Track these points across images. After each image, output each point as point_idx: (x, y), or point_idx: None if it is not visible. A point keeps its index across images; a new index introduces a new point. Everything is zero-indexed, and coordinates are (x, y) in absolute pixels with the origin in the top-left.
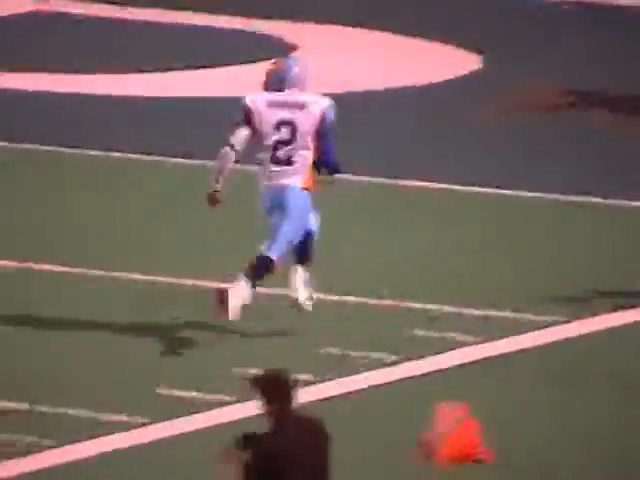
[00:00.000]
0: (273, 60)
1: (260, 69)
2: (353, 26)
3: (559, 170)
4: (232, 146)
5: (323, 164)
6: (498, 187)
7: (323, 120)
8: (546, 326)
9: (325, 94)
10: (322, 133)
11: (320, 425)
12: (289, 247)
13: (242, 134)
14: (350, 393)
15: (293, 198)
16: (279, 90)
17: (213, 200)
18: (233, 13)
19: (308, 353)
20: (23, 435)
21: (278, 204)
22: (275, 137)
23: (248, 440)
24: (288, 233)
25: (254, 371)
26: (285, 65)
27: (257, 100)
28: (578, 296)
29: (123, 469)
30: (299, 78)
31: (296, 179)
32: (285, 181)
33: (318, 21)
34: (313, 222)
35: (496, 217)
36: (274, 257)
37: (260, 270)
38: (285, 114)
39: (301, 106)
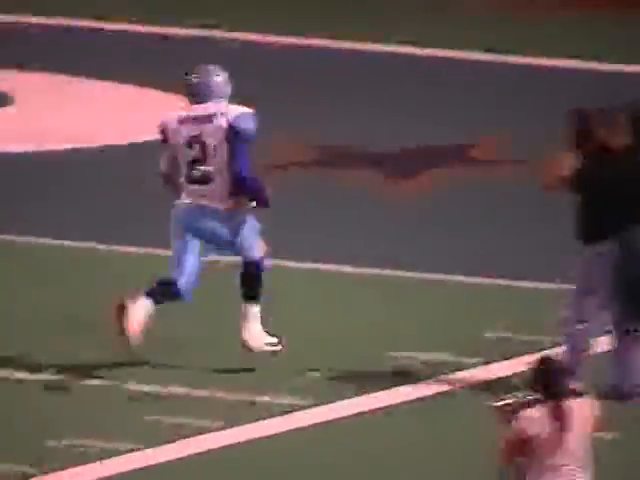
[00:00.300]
0: (194, 71)
1: None
2: (73, 75)
3: (311, 236)
4: (163, 173)
5: (234, 179)
6: None
7: (231, 131)
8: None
9: (49, 151)
10: (232, 145)
11: None
12: (196, 277)
13: (165, 156)
14: None
15: (213, 224)
16: (200, 102)
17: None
18: None
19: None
20: None
21: (196, 225)
22: (189, 155)
23: None
24: (197, 262)
25: None
26: (203, 75)
27: (169, 118)
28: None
29: None
30: (220, 88)
31: (217, 201)
32: (205, 202)
33: (37, 70)
34: (256, 249)
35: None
36: (181, 283)
37: (163, 293)
38: (194, 130)
39: (209, 119)
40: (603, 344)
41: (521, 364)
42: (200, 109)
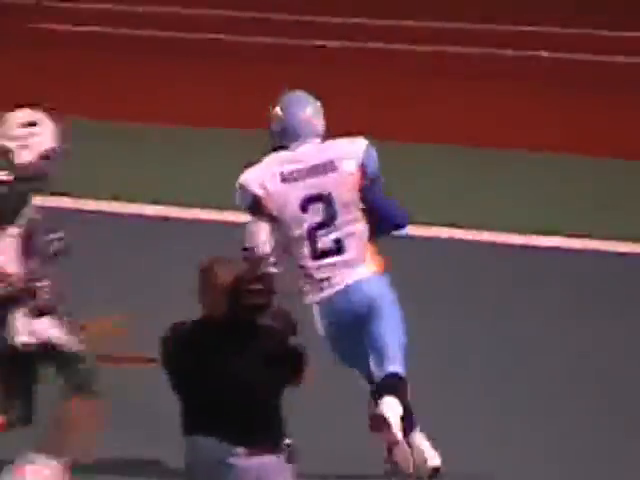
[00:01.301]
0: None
1: None
2: None
3: None
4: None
5: (386, 228)
6: None
7: (364, 173)
8: None
9: None
10: (368, 191)
11: None
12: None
13: (265, 231)
14: None
15: (374, 290)
16: (286, 147)
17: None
18: None
19: None
20: None
21: (352, 314)
22: (306, 223)
23: None
24: (397, 334)
25: None
26: (282, 111)
27: (264, 179)
28: None
29: None
30: (310, 124)
31: (361, 269)
32: (348, 279)
33: None
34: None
35: None
36: (400, 370)
37: (397, 391)
38: (310, 187)
39: (328, 167)
40: None
41: None
42: (309, 155)
